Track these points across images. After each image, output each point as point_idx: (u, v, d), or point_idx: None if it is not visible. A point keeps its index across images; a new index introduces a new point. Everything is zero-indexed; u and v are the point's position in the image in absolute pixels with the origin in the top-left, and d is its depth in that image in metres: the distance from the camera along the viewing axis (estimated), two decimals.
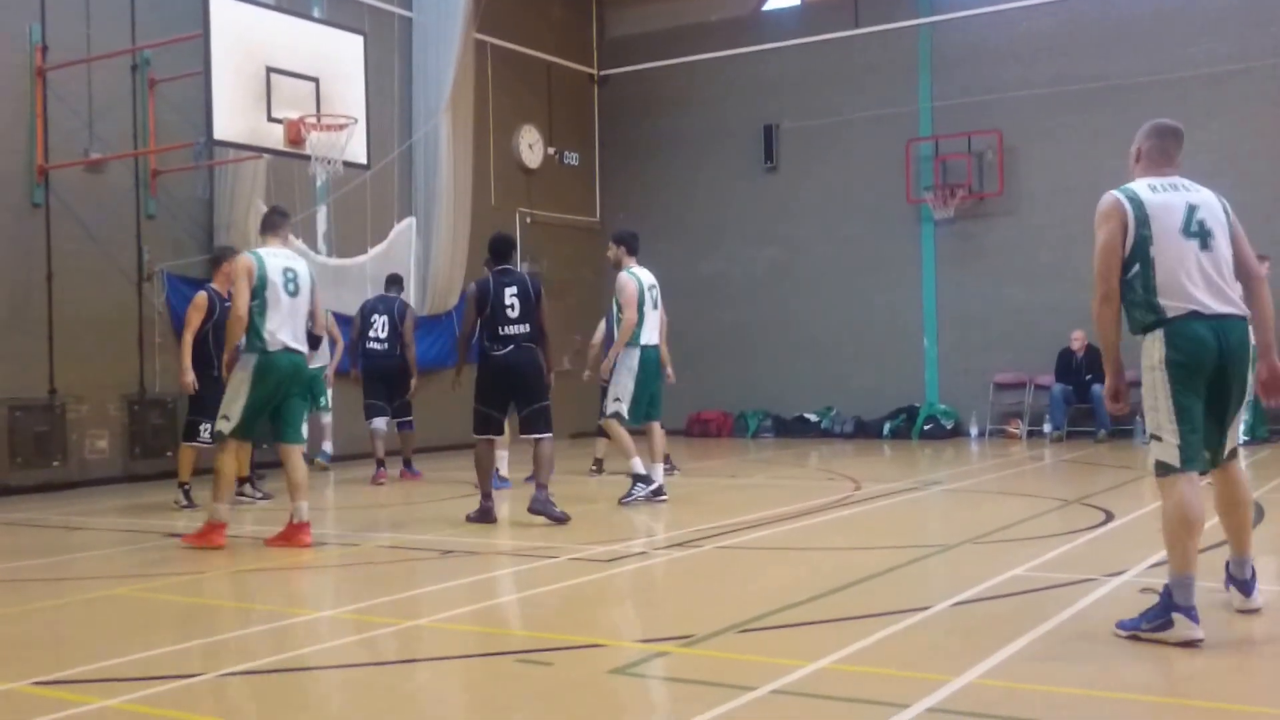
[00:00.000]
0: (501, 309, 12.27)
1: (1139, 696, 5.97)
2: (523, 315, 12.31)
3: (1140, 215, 7.21)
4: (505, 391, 12.50)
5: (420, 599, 9.01)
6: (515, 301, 12.29)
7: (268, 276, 11.29)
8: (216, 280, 14.50)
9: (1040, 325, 22.93)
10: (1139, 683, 6.22)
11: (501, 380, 12.42)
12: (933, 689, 5.88)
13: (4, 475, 16.13)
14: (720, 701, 5.79)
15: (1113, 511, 12.16)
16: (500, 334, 12.28)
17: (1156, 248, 7.11)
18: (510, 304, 12.28)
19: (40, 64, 16.61)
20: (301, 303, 11.55)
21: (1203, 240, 7.10)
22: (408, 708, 6.17)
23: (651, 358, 13.86)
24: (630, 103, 27.82)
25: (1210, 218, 7.18)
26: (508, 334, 12.28)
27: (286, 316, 11.39)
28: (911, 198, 24.24)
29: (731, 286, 26.32)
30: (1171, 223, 7.13)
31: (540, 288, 12.57)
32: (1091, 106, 22.82)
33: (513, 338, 12.29)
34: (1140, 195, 7.32)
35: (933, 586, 8.97)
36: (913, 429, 23.75)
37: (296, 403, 11.62)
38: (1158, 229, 7.12)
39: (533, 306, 12.40)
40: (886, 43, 24.88)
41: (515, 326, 12.29)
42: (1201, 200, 7.25)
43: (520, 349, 12.31)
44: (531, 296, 12.40)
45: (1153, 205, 7.21)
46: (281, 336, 11.31)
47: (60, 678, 6.59)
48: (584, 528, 12.36)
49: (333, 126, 16.12)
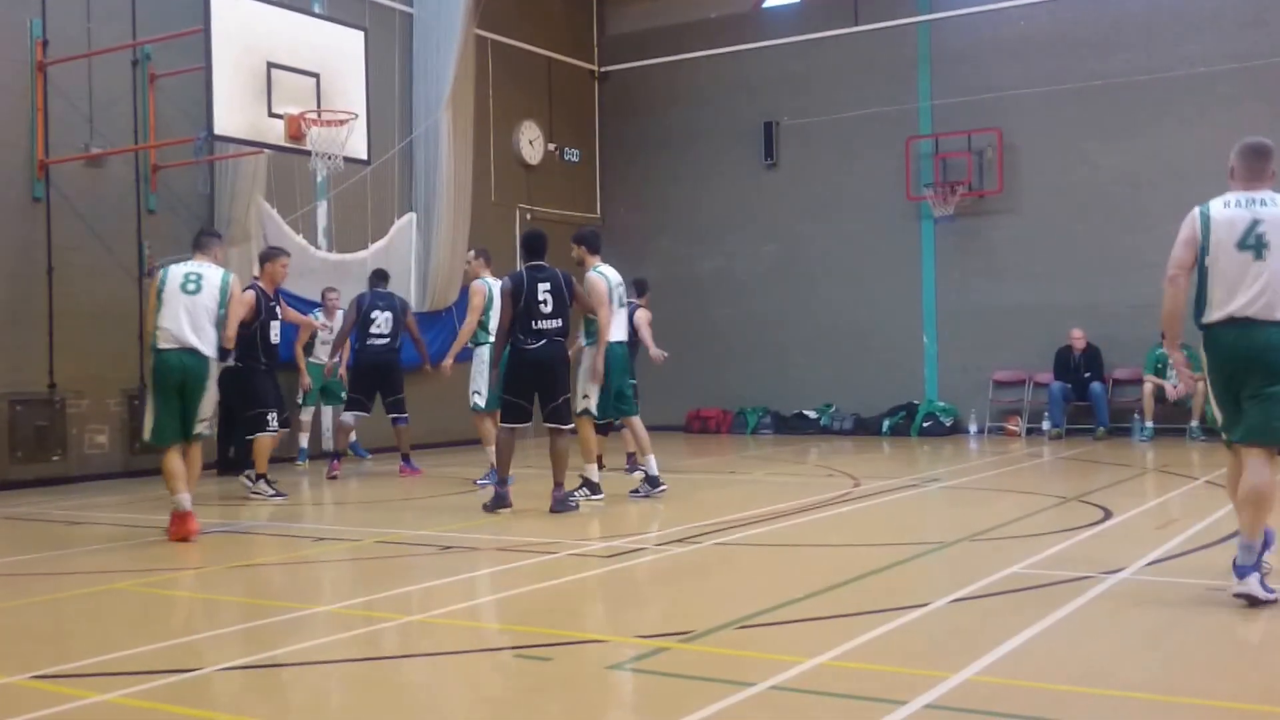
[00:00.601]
0: (535, 304, 12.54)
1: (1136, 694, 5.97)
2: (555, 311, 12.57)
3: (1205, 229, 7.96)
4: (534, 384, 12.77)
5: (419, 594, 9.03)
6: (548, 297, 12.55)
7: (167, 282, 11.70)
8: (263, 279, 14.85)
9: (1039, 323, 22.96)
10: (1136, 680, 6.24)
11: (532, 374, 12.69)
12: (931, 685, 5.89)
13: (4, 469, 16.15)
14: (719, 697, 5.80)
15: (1111, 509, 12.18)
16: (533, 328, 12.56)
17: (1211, 258, 7.81)
18: (543, 299, 12.55)
19: (41, 58, 16.60)
20: (202, 300, 11.68)
21: (1257, 252, 7.68)
22: (407, 702, 6.18)
23: (618, 354, 13.91)
24: (631, 99, 27.81)
25: (1272, 231, 7.68)
26: (540, 329, 12.56)
27: (180, 312, 11.61)
28: (911, 195, 24.23)
29: (731, 283, 26.32)
30: (1229, 237, 7.78)
31: (574, 283, 12.84)
32: (1091, 104, 22.82)
33: (545, 332, 12.59)
34: (1210, 210, 7.99)
35: (931, 583, 8.99)
36: (912, 426, 23.76)
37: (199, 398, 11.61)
38: (1214, 241, 7.83)
39: (565, 302, 12.67)
40: (886, 40, 24.87)
41: (548, 322, 12.56)
42: (1269, 215, 7.74)
43: (552, 343, 12.62)
44: (565, 292, 12.67)
45: (1217, 220, 7.90)
46: (169, 327, 11.56)
47: (60, 671, 6.61)
48: (584, 524, 12.38)
49: (333, 122, 16.12)
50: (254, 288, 14.61)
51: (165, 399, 11.57)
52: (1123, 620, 7.55)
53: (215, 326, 11.72)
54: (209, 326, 11.64)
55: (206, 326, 11.63)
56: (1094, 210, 22.81)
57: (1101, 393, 21.96)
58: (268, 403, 14.48)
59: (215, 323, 11.71)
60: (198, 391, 11.63)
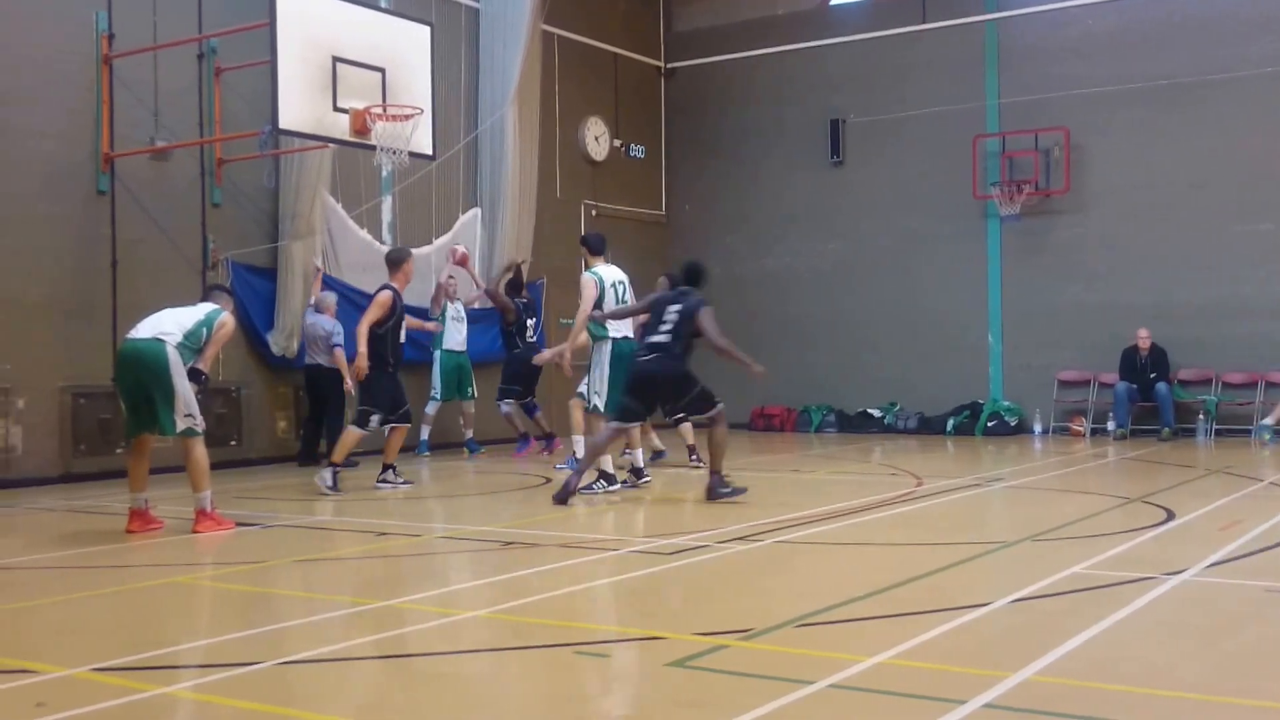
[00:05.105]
0: (659, 320, 13.36)
1: (1196, 695, 5.91)
2: (674, 330, 13.22)
3: None
4: (646, 393, 13.54)
5: (480, 590, 9.05)
6: (674, 318, 13.27)
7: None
8: (395, 280, 15.14)
9: (1105, 323, 22.84)
10: (1197, 681, 6.17)
11: (641, 383, 13.46)
12: (990, 685, 5.84)
13: (67, 462, 16.27)
14: (778, 695, 5.77)
15: (1174, 510, 12.07)
16: (648, 341, 13.42)
17: None
18: (668, 319, 13.30)
19: (106, 52, 16.68)
20: (178, 312, 11.78)
21: None
22: (465, 698, 6.17)
23: (624, 351, 14.30)
24: (697, 96, 27.78)
25: None
26: (653, 342, 13.32)
27: (150, 315, 11.82)
28: (977, 194, 24.12)
29: (796, 281, 26.26)
30: None
31: (698, 310, 13.29)
32: (1158, 104, 22.68)
33: (658, 345, 13.27)
34: None
35: (992, 583, 8.93)
36: (976, 426, 23.66)
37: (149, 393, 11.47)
38: None
39: (686, 324, 13.24)
40: (953, 38, 24.78)
41: (663, 337, 13.25)
42: None
43: (659, 360, 13.25)
44: (689, 318, 13.25)
45: None
46: (135, 329, 11.69)
47: (121, 664, 6.63)
48: (644, 521, 12.37)
49: (399, 117, 16.12)
50: (389, 288, 14.94)
51: (123, 390, 11.80)
52: (1183, 621, 7.48)
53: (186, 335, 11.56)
54: (172, 326, 11.53)
55: (170, 323, 11.56)
56: (1160, 210, 22.65)
57: (1167, 393, 21.78)
58: (378, 405, 14.82)
59: (189, 332, 11.57)
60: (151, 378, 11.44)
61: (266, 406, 18.87)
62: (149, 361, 11.37)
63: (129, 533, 11.50)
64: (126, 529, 11.56)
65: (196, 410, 11.55)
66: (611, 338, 14.39)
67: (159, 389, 11.36)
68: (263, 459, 18.44)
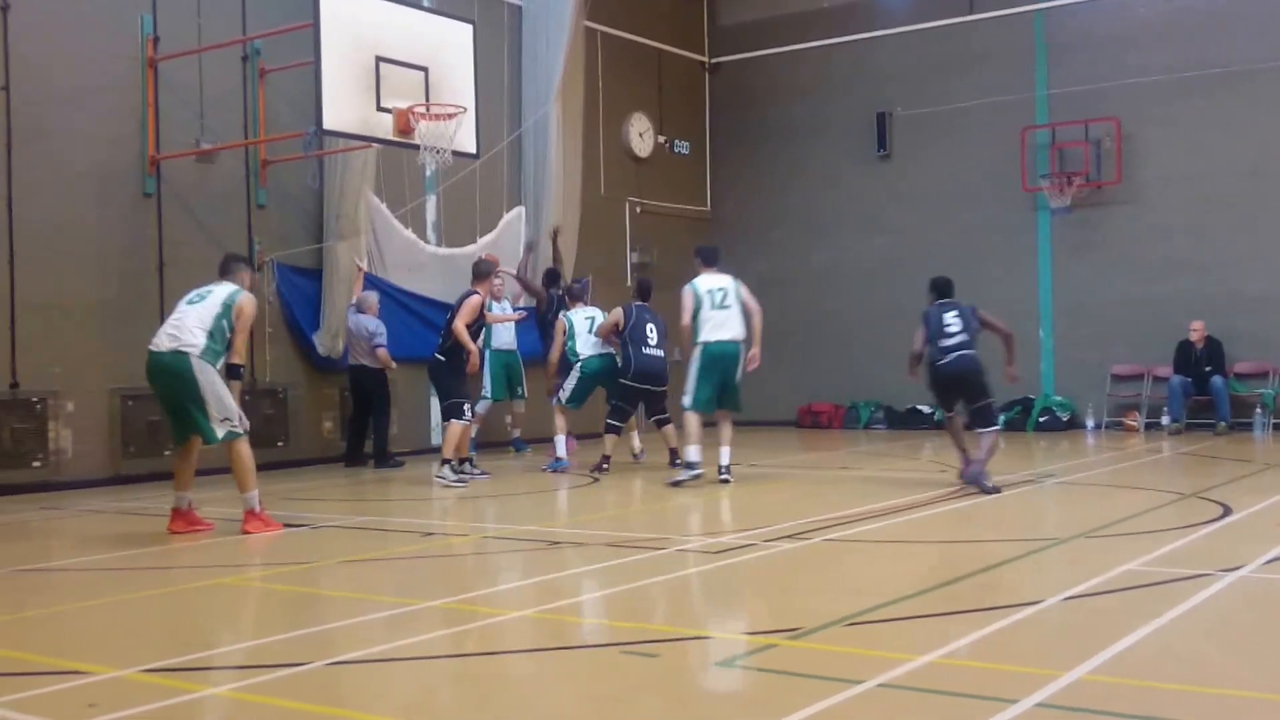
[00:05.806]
0: (940, 331, 14.24)
1: (1251, 694, 5.81)
2: (961, 330, 14.24)
3: None
4: (953, 392, 14.45)
5: (527, 589, 9.02)
6: (954, 321, 14.27)
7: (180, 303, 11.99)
8: (480, 288, 15.96)
9: (1158, 316, 22.59)
10: (1252, 680, 6.07)
11: (947, 383, 14.35)
12: (1042, 684, 5.75)
13: (116, 464, 16.33)
14: (827, 695, 5.71)
15: (1231, 506, 11.93)
16: (940, 347, 14.19)
17: None
18: (949, 324, 14.26)
19: (151, 55, 16.74)
20: (197, 309, 11.66)
21: None
22: (512, 698, 6.14)
23: (713, 354, 15.06)
24: (742, 90, 27.69)
25: None
26: (946, 346, 14.16)
27: (171, 317, 11.83)
28: (1027, 186, 23.96)
29: (843, 276, 26.10)
30: None
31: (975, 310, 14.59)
32: (1210, 93, 22.48)
33: (952, 348, 14.15)
34: None
35: (1044, 580, 8.84)
36: (1028, 421, 23.48)
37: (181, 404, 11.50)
38: None
39: (969, 321, 14.36)
40: (1001, 29, 24.62)
41: (954, 339, 14.19)
42: None
43: (961, 357, 14.15)
44: (968, 315, 14.42)
45: None
46: (156, 338, 11.69)
47: (169, 665, 6.62)
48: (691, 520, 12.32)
49: (442, 116, 16.13)
50: (477, 294, 15.76)
51: (156, 395, 12.08)
52: (1239, 619, 7.39)
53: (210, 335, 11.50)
54: (195, 329, 11.48)
55: (192, 327, 11.49)
56: (1213, 201, 22.46)
57: (1222, 387, 21.54)
58: (465, 394, 15.83)
59: (211, 331, 11.51)
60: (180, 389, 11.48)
61: (312, 407, 18.90)
62: (174, 376, 11.43)
63: (171, 533, 11.53)
64: (168, 529, 11.61)
65: (234, 412, 11.52)
66: (703, 342, 15.06)
67: (190, 400, 11.40)
68: (309, 460, 18.46)
